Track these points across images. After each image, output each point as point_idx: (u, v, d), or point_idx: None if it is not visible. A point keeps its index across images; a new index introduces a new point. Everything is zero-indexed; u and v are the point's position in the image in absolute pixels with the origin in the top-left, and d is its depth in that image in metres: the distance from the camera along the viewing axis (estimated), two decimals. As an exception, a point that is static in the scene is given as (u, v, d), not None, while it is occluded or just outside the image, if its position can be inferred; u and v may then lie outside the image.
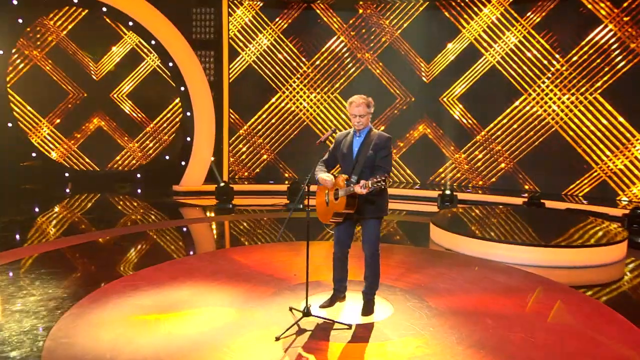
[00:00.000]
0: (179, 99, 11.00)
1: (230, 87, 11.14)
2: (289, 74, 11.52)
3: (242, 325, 4.12)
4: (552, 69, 10.21)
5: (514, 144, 10.68)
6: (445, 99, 11.10)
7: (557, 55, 10.14)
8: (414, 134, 11.37)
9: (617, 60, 9.61)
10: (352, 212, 4.08)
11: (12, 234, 7.42)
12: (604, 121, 9.84)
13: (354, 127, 4.20)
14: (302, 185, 4.15)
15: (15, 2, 10.51)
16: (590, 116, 9.99)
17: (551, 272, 5.72)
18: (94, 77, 11.61)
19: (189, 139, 10.58)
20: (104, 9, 10.47)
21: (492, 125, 10.82)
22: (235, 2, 11.27)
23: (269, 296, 4.75)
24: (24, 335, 3.84)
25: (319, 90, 11.54)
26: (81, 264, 5.82)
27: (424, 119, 11.30)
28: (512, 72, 10.54)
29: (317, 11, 11.37)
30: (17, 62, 11.25)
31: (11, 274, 5.43)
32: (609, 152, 9.84)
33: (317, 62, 11.45)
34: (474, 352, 3.74)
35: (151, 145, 11.81)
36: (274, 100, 11.60)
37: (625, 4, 9.49)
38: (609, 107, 9.78)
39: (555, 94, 10.24)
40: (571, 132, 10.16)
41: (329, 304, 4.50)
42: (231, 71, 11.36)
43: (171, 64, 10.44)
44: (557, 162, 10.22)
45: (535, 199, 9.25)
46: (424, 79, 11.18)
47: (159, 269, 5.59)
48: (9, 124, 11.07)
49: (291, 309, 4.40)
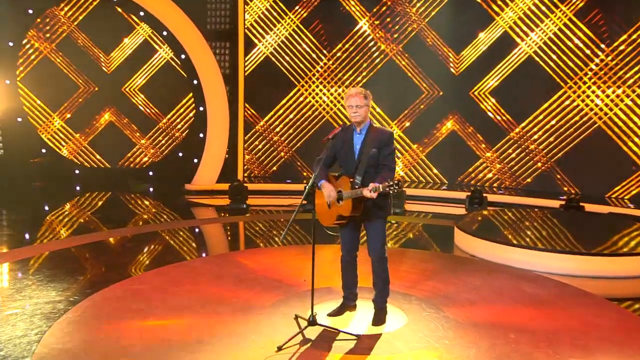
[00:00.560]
0: (192, 93, 11.10)
1: (245, 81, 11.19)
2: (309, 66, 11.51)
3: (243, 333, 4.12)
4: (595, 59, 9.91)
5: (551, 141, 10.42)
6: (476, 93, 10.91)
7: (601, 44, 9.84)
8: (442, 131, 11.22)
9: (668, 49, 9.27)
10: (357, 215, 4.05)
11: (17, 232, 7.63)
12: (653, 117, 9.51)
13: (351, 120, 4.15)
14: (309, 185, 4.13)
15: (25, -8, 10.83)
16: (638, 111, 9.66)
17: (589, 283, 5.55)
18: (105, 70, 11.83)
19: (201, 135, 10.67)
20: (115, -1, 10.70)
21: (527, 121, 10.57)
22: (252, -10, 11.35)
23: (274, 303, 4.74)
24: (16, 340, 3.92)
25: (340, 83, 11.48)
26: (83, 266, 5.92)
27: (453, 115, 11.14)
28: (551, 63, 10.27)
29: (339, -1, 11.36)
30: (27, 54, 11.55)
31: (10, 275, 5.56)
32: (658, 151, 9.51)
33: (339, 54, 11.40)
34: (492, 368, 3.64)
35: (164, 141, 11.97)
36: (292, 94, 11.61)
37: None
38: (659, 102, 9.44)
39: (599, 87, 9.93)
40: (616, 129, 9.84)
41: (338, 312, 4.47)
42: (247, 64, 11.42)
43: (183, 56, 10.55)
44: (600, 162, 9.92)
45: (574, 202, 9.00)
46: (453, 71, 11.01)
47: (162, 272, 5.65)
48: (19, 119, 11.39)
49: (297, 317, 4.36)
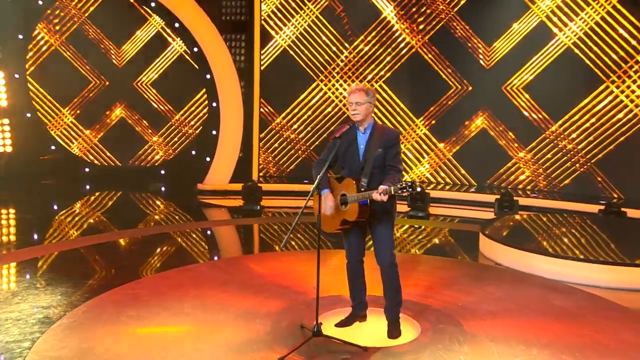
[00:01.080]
0: (205, 88, 11.19)
1: (261, 75, 11.24)
2: (329, 60, 11.49)
3: (245, 343, 4.11)
4: (641, 51, 9.65)
5: (591, 141, 10.19)
6: (508, 88, 10.72)
7: (648, 34, 9.57)
8: (471, 129, 11.07)
9: None
10: (364, 220, 4.02)
11: (23, 232, 7.81)
12: None
13: (352, 118, 4.12)
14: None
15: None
16: (686, 109, 9.35)
17: (627, 296, 5.39)
18: (116, 64, 12.03)
19: (214, 132, 10.75)
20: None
21: (565, 119, 10.36)
22: (269, -21, 11.39)
23: (280, 311, 4.73)
24: (8, 345, 3.99)
25: (361, 78, 11.43)
26: (87, 268, 6.01)
27: (483, 111, 10.99)
28: (592, 56, 10.03)
29: (362, -12, 11.31)
30: (37, 47, 11.83)
31: (11, 277, 5.69)
32: None
33: (361, 47, 11.35)
34: (509, 388, 3.55)
35: (176, 139, 12.11)
36: (310, 89, 11.60)
37: None
38: None
39: (644, 82, 9.67)
40: (665, 128, 9.56)
41: (346, 323, 4.44)
42: (263, 57, 11.46)
43: (196, 49, 10.64)
44: (647, 164, 9.65)
45: (614, 207, 8.76)
46: (484, 65, 10.85)
47: (165, 277, 5.70)
48: (28, 114, 11.67)
49: (302, 326, 4.36)
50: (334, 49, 11.45)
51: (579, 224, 7.70)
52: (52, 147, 11.96)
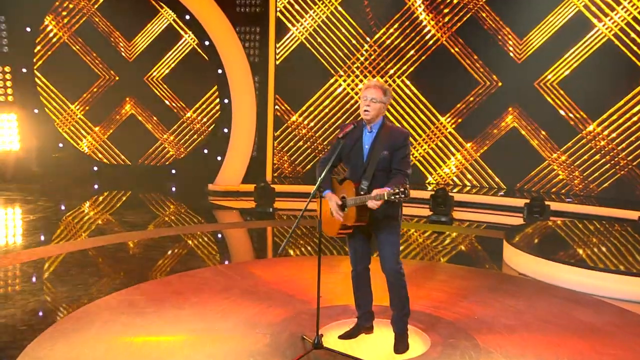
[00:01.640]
0: (216, 83, 11.28)
1: (276, 70, 11.28)
2: (348, 54, 11.46)
3: (242, 354, 4.13)
4: (689, 43, 9.39)
5: (633, 141, 9.96)
6: (542, 84, 10.55)
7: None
8: (501, 127, 10.92)
9: None
10: (363, 224, 4.02)
11: (29, 232, 8.00)
12: None
13: (362, 116, 4.08)
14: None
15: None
16: None
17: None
18: (127, 58, 12.22)
19: (226, 130, 10.83)
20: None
21: (604, 117, 10.15)
22: (286, -32, 11.42)
23: (282, 321, 4.74)
24: (-5, 351, 4.09)
25: (382, 73, 11.37)
26: (87, 272, 6.10)
27: (514, 109, 10.83)
28: (635, 48, 9.82)
29: (384, -23, 11.26)
30: (45, 40, 12.08)
31: (8, 279, 5.81)
32: None
33: (382, 39, 11.29)
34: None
35: (188, 137, 12.24)
36: (328, 85, 11.59)
37: None
38: None
39: (692, 77, 9.41)
40: None
41: (350, 335, 4.43)
42: (278, 51, 11.50)
43: (207, 43, 10.73)
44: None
45: (656, 214, 8.53)
46: (515, 59, 10.70)
47: (165, 282, 5.77)
48: (35, 110, 11.93)
49: (304, 338, 4.35)
50: (354, 42, 11.42)
51: (617, 232, 7.52)
52: (60, 145, 12.19)
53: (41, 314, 4.86)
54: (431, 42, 11.13)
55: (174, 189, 11.65)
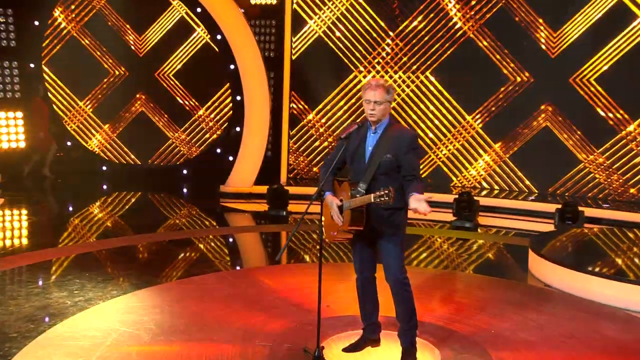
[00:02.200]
0: (229, 79, 11.34)
1: (292, 66, 11.32)
2: (369, 48, 11.44)
3: (237, 366, 4.15)
4: None
5: (678, 143, 9.75)
6: (577, 80, 10.40)
7: None
8: (532, 127, 10.79)
9: None
10: (360, 229, 4.00)
11: (33, 234, 8.17)
12: None
13: (367, 117, 4.11)
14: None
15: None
16: None
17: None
18: (137, 53, 12.38)
19: (238, 128, 10.90)
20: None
21: (646, 116, 9.97)
22: (303, -42, 11.45)
23: (284, 331, 4.76)
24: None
25: (405, 69, 11.31)
26: (85, 276, 6.19)
27: (546, 107, 10.68)
28: (680, 42, 9.61)
29: (407, -34, 11.22)
30: (53, 34, 12.30)
31: (3, 283, 5.94)
32: None
33: (405, 32, 11.23)
34: None
35: (200, 135, 12.34)
36: (347, 81, 11.58)
37: None
38: None
39: None
40: None
41: (355, 347, 4.44)
42: (295, 45, 11.53)
43: (219, 37, 10.81)
44: None
45: (700, 222, 8.31)
46: (549, 53, 10.56)
47: (166, 289, 5.84)
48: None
49: (305, 350, 4.34)
50: (375, 35, 11.38)
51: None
52: (68, 143, 12.40)
53: (34, 320, 4.93)
54: (458, 35, 11.04)
55: (185, 190, 11.77)
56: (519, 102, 10.79)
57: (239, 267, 7.11)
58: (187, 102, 12.34)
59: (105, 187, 11.93)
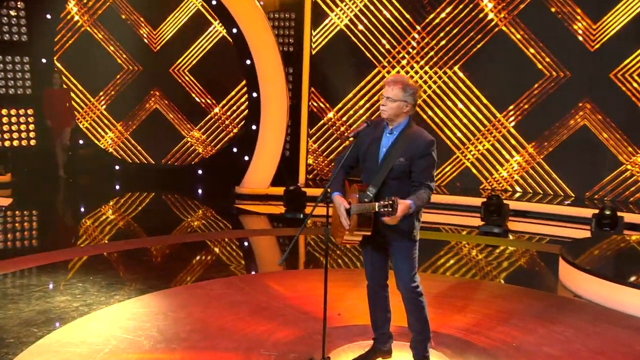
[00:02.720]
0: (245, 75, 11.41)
1: (312, 61, 11.32)
2: (393, 42, 11.39)
3: (238, 377, 4.17)
4: None
5: None
6: (619, 75, 10.26)
7: None
8: (569, 126, 10.65)
9: None
10: (367, 234, 4.01)
11: (42, 235, 8.34)
12: None
13: (382, 115, 4.14)
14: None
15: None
16: None
17: None
18: (152, 48, 12.54)
19: (254, 127, 10.95)
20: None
21: (693, 114, 9.78)
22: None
23: (292, 341, 4.79)
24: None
25: (432, 63, 11.25)
26: (86, 280, 6.29)
27: (584, 104, 10.54)
28: None
29: (434, -45, 11.15)
30: (66, 29, 12.52)
31: (4, 285, 6.07)
32: None
33: (432, 25, 11.16)
34: None
35: (216, 134, 12.44)
36: (370, 77, 11.56)
37: None
38: None
39: None
40: None
41: (365, 358, 4.46)
42: (315, 39, 11.54)
43: (235, 30, 10.87)
44: None
45: None
46: (588, 46, 10.41)
47: (172, 294, 5.93)
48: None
49: (311, 361, 4.37)
50: (400, 28, 11.33)
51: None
52: (81, 142, 12.61)
53: (33, 325, 5.03)
54: (489, 28, 10.93)
55: (199, 191, 11.89)
56: (555, 99, 10.64)
57: (249, 272, 7.15)
58: (202, 99, 12.44)
59: (117, 187, 12.12)
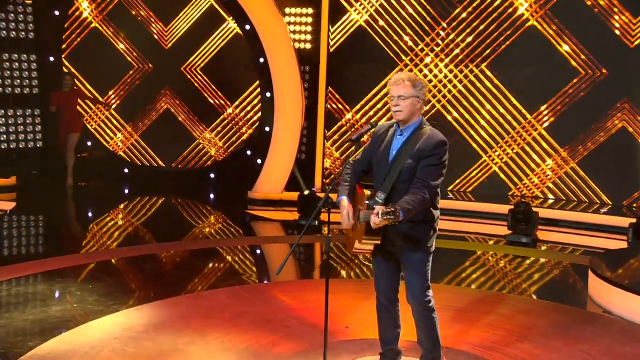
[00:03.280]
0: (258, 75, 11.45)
1: (330, 59, 11.34)
2: (416, 39, 11.36)
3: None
4: None
5: None
6: (661, 74, 10.13)
7: None
8: (606, 128, 10.54)
9: None
10: (377, 242, 3.99)
11: (44, 241, 8.52)
12: None
13: (394, 118, 4.15)
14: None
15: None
16: None
17: None
18: (164, 45, 12.67)
19: (267, 128, 10.99)
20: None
21: None
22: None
23: (294, 355, 4.79)
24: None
25: (457, 62, 11.18)
26: (84, 289, 6.37)
27: (624, 105, 10.41)
28: None
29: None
30: (75, 26, 12.72)
31: None
32: None
33: (458, 20, 11.11)
34: None
35: (230, 136, 12.51)
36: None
37: None
38: None
39: None
40: None
41: (370, 376, 4.39)
42: (333, 36, 11.56)
43: (248, 27, 10.93)
44: None
45: None
46: (627, 42, 10.30)
47: (172, 304, 5.97)
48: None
49: (312, 377, 4.35)
50: (423, 24, 11.29)
51: None
52: (89, 144, 12.77)
53: (25, 335, 5.09)
54: (520, 23, 10.84)
55: (212, 196, 11.96)
56: (591, 99, 10.53)
57: (257, 282, 7.16)
58: (215, 100, 12.52)
59: (127, 191, 12.24)
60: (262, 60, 10.84)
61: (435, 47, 11.29)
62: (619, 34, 10.30)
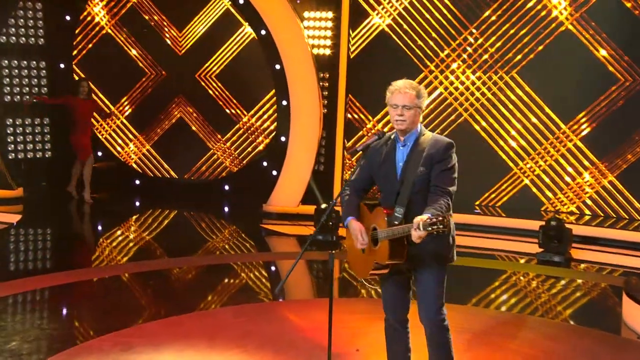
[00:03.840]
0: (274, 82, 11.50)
1: (350, 66, 11.32)
2: (441, 44, 11.32)
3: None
4: None
5: None
6: None
7: None
8: (647, 140, 10.37)
9: None
10: (400, 262, 3.98)
11: (50, 255, 8.65)
12: None
13: (395, 127, 4.14)
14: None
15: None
16: None
17: None
18: (177, 51, 12.80)
19: (283, 138, 11.02)
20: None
21: None
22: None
23: (298, 380, 4.76)
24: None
25: (486, 68, 11.12)
26: (84, 306, 6.44)
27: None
28: None
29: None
30: (86, 31, 12.93)
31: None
32: None
33: (487, 24, 11.07)
34: None
35: (245, 146, 12.57)
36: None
37: None
38: None
39: None
40: None
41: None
42: (354, 42, 11.56)
43: (263, 32, 11.00)
44: None
45: None
46: (671, 47, 10.19)
47: (174, 323, 6.02)
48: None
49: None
50: (450, 28, 11.24)
51: None
52: (99, 154, 12.92)
53: (12, 357, 5.12)
54: (553, 26, 10.74)
55: (226, 209, 12.02)
56: (630, 107, 10.39)
57: (267, 300, 7.16)
58: (230, 108, 12.59)
59: (137, 203, 12.36)
60: (277, 66, 10.90)
61: (462, 53, 11.24)
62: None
